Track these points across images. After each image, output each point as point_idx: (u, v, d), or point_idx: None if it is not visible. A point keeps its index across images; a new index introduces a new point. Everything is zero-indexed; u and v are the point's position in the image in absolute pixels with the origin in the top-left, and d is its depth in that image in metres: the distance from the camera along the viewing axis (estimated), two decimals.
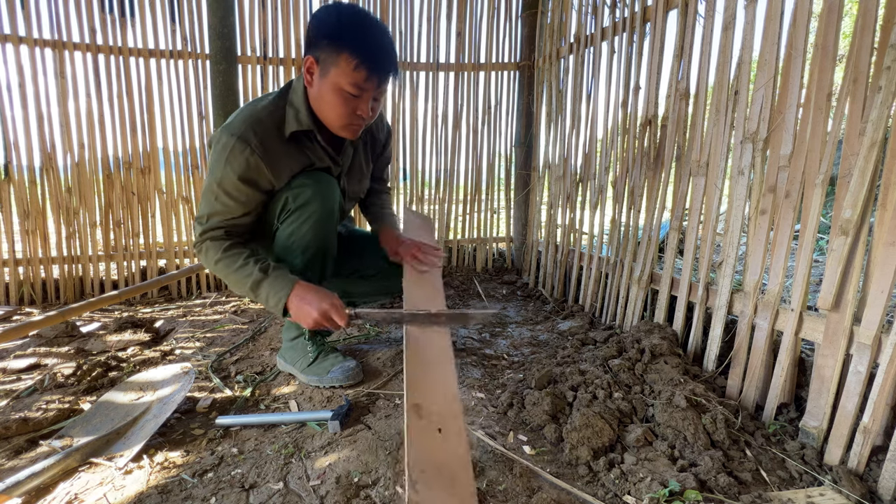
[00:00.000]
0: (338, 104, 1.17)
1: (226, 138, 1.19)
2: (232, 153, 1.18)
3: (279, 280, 1.20)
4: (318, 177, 1.30)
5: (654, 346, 1.49)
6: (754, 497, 0.97)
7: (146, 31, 2.53)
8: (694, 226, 1.60)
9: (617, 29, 2.06)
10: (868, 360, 1.05)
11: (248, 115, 1.22)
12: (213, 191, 1.22)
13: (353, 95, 1.15)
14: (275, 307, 1.20)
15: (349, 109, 1.18)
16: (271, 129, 1.22)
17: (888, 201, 1.02)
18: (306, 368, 1.41)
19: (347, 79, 1.13)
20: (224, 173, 1.20)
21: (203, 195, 1.26)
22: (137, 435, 1.12)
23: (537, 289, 2.67)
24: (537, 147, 2.84)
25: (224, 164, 1.19)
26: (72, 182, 2.54)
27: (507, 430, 1.18)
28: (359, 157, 1.47)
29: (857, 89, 1.09)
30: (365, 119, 1.22)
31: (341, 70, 1.12)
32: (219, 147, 1.21)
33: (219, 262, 1.24)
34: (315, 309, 1.15)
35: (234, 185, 1.21)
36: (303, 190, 1.27)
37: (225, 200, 1.23)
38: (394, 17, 2.78)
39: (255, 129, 1.19)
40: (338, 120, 1.20)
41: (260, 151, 1.19)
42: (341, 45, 1.11)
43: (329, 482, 0.94)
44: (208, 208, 1.25)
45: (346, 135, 1.25)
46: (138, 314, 2.29)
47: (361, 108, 1.18)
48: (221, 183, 1.21)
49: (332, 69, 1.13)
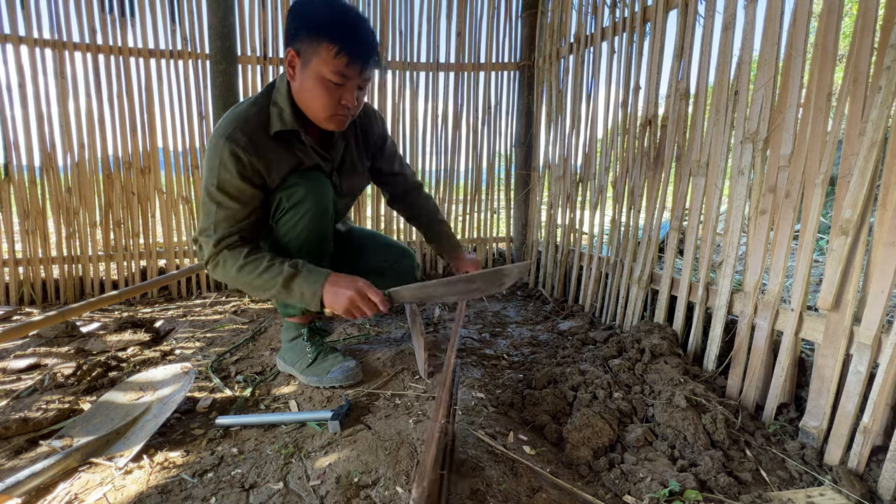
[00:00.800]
0: (321, 94, 1.17)
1: (215, 140, 1.20)
2: (223, 153, 1.19)
3: (313, 273, 1.20)
4: (310, 175, 1.30)
5: (654, 346, 1.49)
6: (754, 497, 0.97)
7: (146, 31, 2.53)
8: (694, 226, 1.59)
9: (617, 29, 2.06)
10: (868, 360, 1.05)
11: (234, 118, 1.22)
12: (214, 197, 1.22)
13: (336, 84, 1.16)
14: (311, 299, 1.19)
15: (334, 99, 1.18)
16: (258, 129, 1.23)
17: (888, 201, 1.02)
18: (306, 369, 1.41)
19: (329, 67, 1.13)
20: (220, 176, 1.20)
21: (203, 207, 1.25)
22: (137, 435, 1.12)
23: (537, 289, 2.67)
24: (537, 147, 2.84)
25: (218, 166, 1.20)
26: (72, 182, 2.54)
27: (507, 430, 1.18)
28: (350, 151, 1.46)
29: (857, 89, 1.09)
30: (350, 109, 1.22)
31: (322, 59, 1.13)
32: (210, 153, 1.21)
33: (243, 267, 1.21)
34: (352, 290, 1.15)
35: (233, 185, 1.21)
36: (295, 189, 1.27)
37: (228, 203, 1.22)
38: (394, 17, 2.78)
39: (243, 129, 1.20)
40: (322, 111, 1.20)
41: (250, 148, 1.20)
42: (321, 35, 1.11)
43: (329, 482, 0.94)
44: (213, 217, 1.23)
45: (333, 126, 1.25)
46: (138, 314, 2.29)
47: (346, 96, 1.19)
48: (221, 186, 1.21)
49: (314, 59, 1.14)
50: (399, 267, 1.64)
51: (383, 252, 1.63)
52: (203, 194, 1.24)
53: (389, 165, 1.60)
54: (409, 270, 1.65)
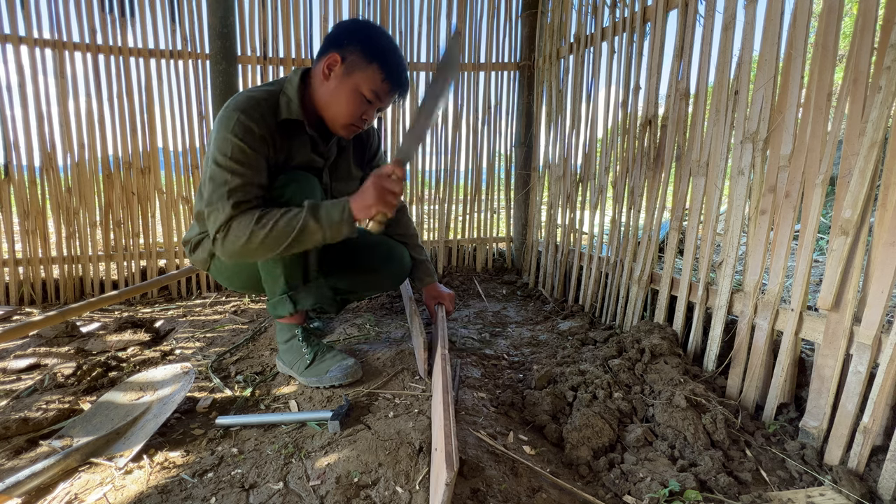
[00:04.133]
0: (351, 104, 1.27)
1: (228, 113, 1.23)
2: (235, 122, 1.21)
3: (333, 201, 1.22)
4: (299, 175, 1.32)
5: (654, 346, 1.49)
6: (754, 497, 0.97)
7: (146, 31, 2.53)
8: (694, 226, 1.59)
9: (617, 29, 2.06)
10: (868, 360, 1.05)
11: (247, 97, 1.26)
12: (226, 166, 1.21)
13: (367, 101, 1.27)
14: (341, 216, 1.19)
15: (359, 112, 1.29)
16: (267, 110, 1.27)
17: (888, 201, 1.02)
18: (305, 370, 1.41)
19: (371, 85, 1.25)
20: (233, 146, 1.20)
21: (212, 181, 1.22)
22: (137, 435, 1.12)
23: (537, 289, 2.67)
24: (537, 147, 2.84)
25: (230, 134, 1.20)
26: (72, 182, 2.54)
27: (507, 430, 1.18)
28: (346, 156, 1.51)
29: (857, 89, 1.09)
30: (365, 124, 1.33)
31: (368, 76, 1.25)
32: (221, 125, 1.22)
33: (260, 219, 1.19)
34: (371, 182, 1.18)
35: (242, 151, 1.21)
36: (283, 190, 1.28)
37: (239, 170, 1.21)
38: (394, 17, 2.78)
39: (255, 106, 1.24)
40: (344, 118, 1.29)
41: (261, 123, 1.24)
42: (373, 55, 1.24)
43: (329, 482, 0.94)
44: (227, 186, 1.20)
45: (344, 133, 1.34)
46: (138, 314, 2.29)
47: (368, 113, 1.31)
48: (234, 155, 1.21)
49: (358, 73, 1.25)
50: (392, 265, 1.64)
51: (377, 250, 1.63)
52: (211, 167, 1.23)
53: None
54: (402, 269, 1.66)
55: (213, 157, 1.23)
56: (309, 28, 2.70)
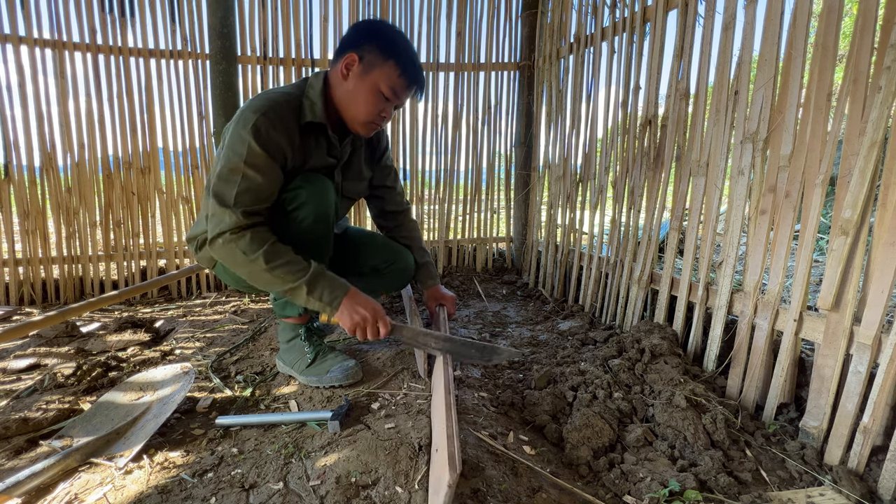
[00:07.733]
0: (371, 102, 1.29)
1: (247, 115, 1.21)
2: (255, 126, 1.19)
3: (336, 281, 1.28)
4: (314, 178, 1.32)
5: (654, 346, 1.49)
6: (754, 497, 0.97)
7: (146, 31, 2.53)
8: (694, 226, 1.59)
9: (617, 29, 2.06)
10: (868, 360, 1.05)
11: (267, 98, 1.26)
12: (240, 169, 1.20)
13: (385, 98, 1.29)
14: (328, 303, 1.25)
15: (377, 109, 1.30)
16: (288, 114, 1.27)
17: (888, 201, 1.02)
18: (305, 370, 1.41)
19: (388, 82, 1.27)
20: (249, 148, 1.19)
21: (222, 179, 1.21)
22: (137, 435, 1.12)
23: (537, 289, 2.67)
24: (537, 147, 2.84)
25: (250, 138, 1.19)
26: (72, 182, 2.54)
27: (507, 430, 1.18)
28: (358, 156, 1.51)
29: (857, 89, 1.09)
30: (384, 121, 1.35)
31: (386, 73, 1.26)
32: (239, 126, 1.21)
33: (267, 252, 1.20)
34: (369, 312, 1.26)
35: (261, 158, 1.20)
36: (298, 193, 1.28)
37: (253, 176, 1.20)
38: (394, 17, 2.78)
39: (275, 110, 1.24)
40: (363, 116, 1.31)
41: (280, 127, 1.24)
42: (391, 53, 1.26)
43: (329, 482, 0.94)
44: (234, 189, 1.20)
45: (363, 132, 1.35)
46: (138, 314, 2.29)
47: (387, 110, 1.32)
48: (248, 158, 1.19)
49: (376, 70, 1.26)
50: (397, 267, 1.64)
51: (382, 252, 1.64)
52: (221, 166, 1.22)
53: (383, 178, 1.65)
54: (406, 270, 1.66)
55: (225, 157, 1.22)
56: (309, 28, 2.70)
